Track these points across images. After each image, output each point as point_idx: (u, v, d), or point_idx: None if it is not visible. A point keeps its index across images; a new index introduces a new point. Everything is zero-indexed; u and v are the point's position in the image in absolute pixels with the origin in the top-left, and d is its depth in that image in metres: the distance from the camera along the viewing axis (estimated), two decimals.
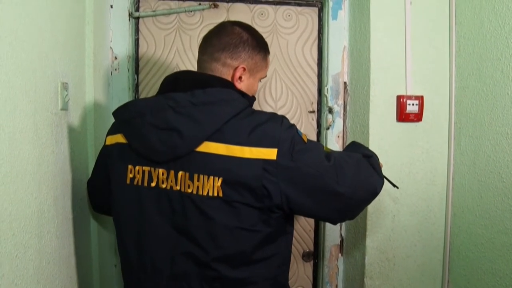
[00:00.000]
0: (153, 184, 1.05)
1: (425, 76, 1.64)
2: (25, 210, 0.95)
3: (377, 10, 1.59)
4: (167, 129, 1.00)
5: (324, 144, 1.83)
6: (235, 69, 1.11)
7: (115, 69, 1.68)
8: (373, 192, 1.12)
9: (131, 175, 1.08)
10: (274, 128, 0.99)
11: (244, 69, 1.12)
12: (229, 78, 1.12)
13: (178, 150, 1.00)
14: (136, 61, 1.76)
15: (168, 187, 1.03)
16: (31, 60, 0.99)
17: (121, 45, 1.68)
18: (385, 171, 1.61)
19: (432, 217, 1.68)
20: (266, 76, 1.26)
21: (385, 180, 1.20)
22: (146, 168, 1.06)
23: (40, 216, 1.03)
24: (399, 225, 1.66)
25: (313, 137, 1.88)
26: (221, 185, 0.98)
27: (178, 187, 1.02)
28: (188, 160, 1.00)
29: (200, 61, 1.16)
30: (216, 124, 0.98)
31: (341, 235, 1.86)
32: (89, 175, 1.40)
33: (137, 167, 1.07)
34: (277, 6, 1.83)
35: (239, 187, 0.98)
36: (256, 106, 1.18)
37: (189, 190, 1.01)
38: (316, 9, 1.86)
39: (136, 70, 1.77)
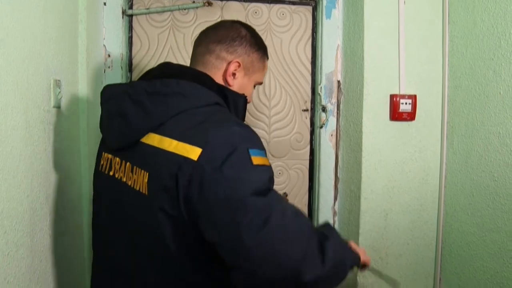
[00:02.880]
0: (111, 173, 0.98)
1: (418, 75, 1.64)
2: (17, 208, 0.95)
3: (371, 9, 1.60)
4: (120, 116, 0.93)
5: (318, 143, 1.83)
6: (229, 63, 1.03)
7: (108, 67, 1.67)
8: (292, 273, 0.77)
9: (102, 162, 1.03)
10: (217, 129, 0.83)
11: (239, 65, 1.04)
12: (221, 73, 1.04)
13: (126, 139, 0.92)
14: (129, 59, 1.76)
15: (119, 177, 0.96)
16: (23, 57, 0.98)
17: (115, 43, 1.67)
18: (378, 170, 1.62)
19: (424, 215, 1.69)
20: (262, 83, 1.17)
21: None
22: (109, 156, 1.00)
23: (32, 214, 1.02)
24: (392, 223, 1.66)
25: (307, 136, 1.89)
26: (147, 182, 0.86)
27: (125, 179, 0.93)
28: (133, 150, 0.92)
29: (193, 55, 1.09)
30: (163, 117, 0.88)
31: None
32: (82, 173, 1.40)
33: (105, 154, 1.03)
34: (271, 5, 1.83)
35: (159, 186, 0.84)
36: (249, 104, 1.15)
37: (129, 183, 0.91)
38: (310, 8, 1.87)
39: (130, 68, 1.76)
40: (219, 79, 1.03)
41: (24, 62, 0.99)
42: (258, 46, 1.10)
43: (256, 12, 1.82)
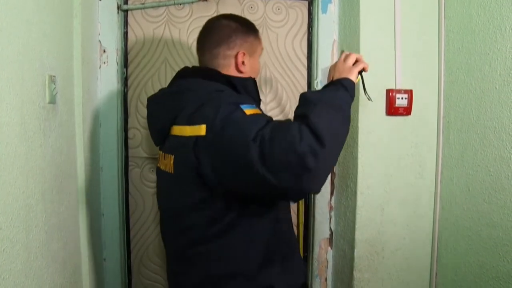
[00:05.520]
0: (158, 165, 1.23)
1: (415, 70, 1.64)
2: (13, 204, 0.94)
3: (367, 4, 1.59)
4: (152, 117, 1.23)
5: None
6: (236, 56, 1.19)
7: (104, 62, 1.66)
8: (294, 155, 0.89)
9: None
10: (212, 105, 1.02)
11: (244, 54, 1.20)
12: (233, 67, 1.20)
13: (157, 130, 1.21)
14: (125, 54, 1.75)
15: (160, 167, 1.20)
16: (18, 52, 0.97)
17: (110, 38, 1.66)
18: (374, 165, 1.62)
19: (420, 210, 1.70)
20: (263, 49, 1.32)
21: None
22: (160, 153, 1.22)
23: (28, 210, 1.02)
24: (388, 218, 1.67)
25: None
26: (173, 163, 1.10)
27: (162, 167, 1.18)
28: (166, 142, 1.16)
29: (202, 62, 1.24)
30: (176, 110, 1.10)
31: (330, 228, 1.87)
32: (78, 169, 1.40)
33: (159, 154, 1.25)
34: (267, 0, 1.83)
35: (183, 164, 1.07)
36: None
37: (162, 167, 1.17)
38: (306, 3, 1.86)
39: (125, 64, 1.75)
40: (233, 72, 1.21)
41: (19, 58, 0.98)
42: (249, 29, 1.24)
43: (251, 7, 1.82)
